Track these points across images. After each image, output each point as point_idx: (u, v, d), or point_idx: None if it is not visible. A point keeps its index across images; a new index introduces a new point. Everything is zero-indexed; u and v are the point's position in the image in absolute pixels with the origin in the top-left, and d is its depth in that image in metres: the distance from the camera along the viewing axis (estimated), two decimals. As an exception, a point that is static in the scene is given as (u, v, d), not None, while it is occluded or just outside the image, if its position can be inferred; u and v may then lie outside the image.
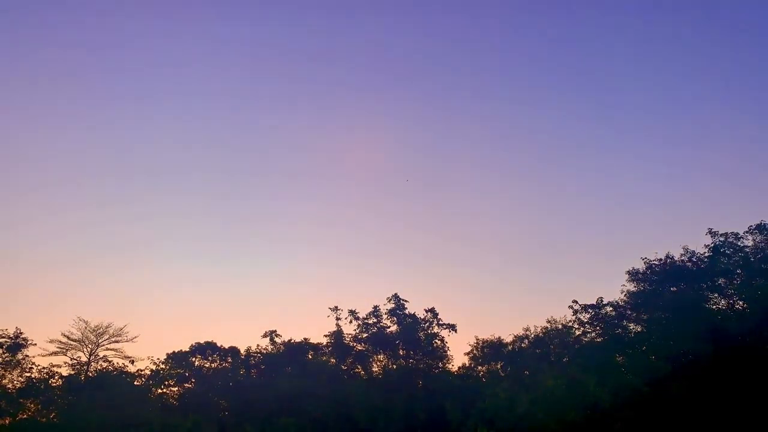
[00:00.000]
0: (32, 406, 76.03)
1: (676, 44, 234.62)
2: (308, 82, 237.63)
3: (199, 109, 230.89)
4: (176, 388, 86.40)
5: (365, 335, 79.37)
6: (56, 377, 77.54)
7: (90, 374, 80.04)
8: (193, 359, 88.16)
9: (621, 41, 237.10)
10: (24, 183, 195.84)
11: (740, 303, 62.03)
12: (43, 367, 76.99)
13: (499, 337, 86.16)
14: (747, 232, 65.30)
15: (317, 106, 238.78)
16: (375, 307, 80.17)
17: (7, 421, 73.43)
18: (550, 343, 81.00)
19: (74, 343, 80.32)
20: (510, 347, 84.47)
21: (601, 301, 66.78)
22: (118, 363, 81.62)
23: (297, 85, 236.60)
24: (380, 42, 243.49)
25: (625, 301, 65.73)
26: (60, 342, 79.57)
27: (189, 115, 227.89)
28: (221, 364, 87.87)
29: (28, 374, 75.69)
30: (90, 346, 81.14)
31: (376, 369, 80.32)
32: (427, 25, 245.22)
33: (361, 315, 79.86)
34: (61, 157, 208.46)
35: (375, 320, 79.61)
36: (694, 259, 64.02)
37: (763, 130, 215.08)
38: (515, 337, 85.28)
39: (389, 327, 79.64)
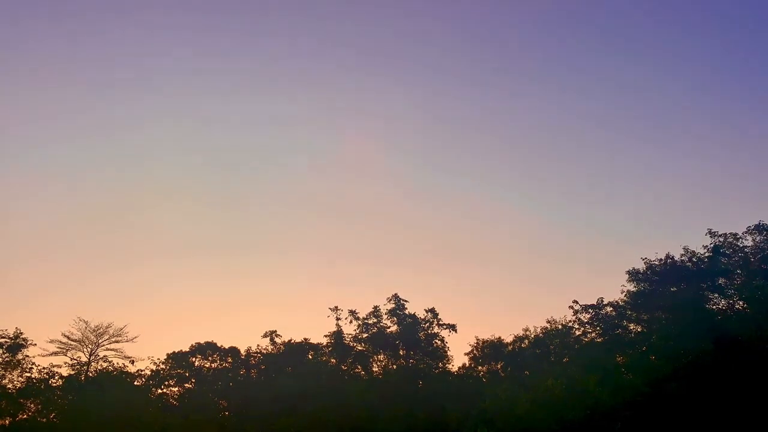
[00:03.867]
0: (32, 406, 76.09)
1: (677, 43, 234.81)
2: (309, 77, 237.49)
3: (196, 106, 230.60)
4: (176, 388, 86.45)
5: (365, 335, 79.47)
6: (56, 377, 77.59)
7: (90, 374, 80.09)
8: (193, 359, 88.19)
9: (621, 39, 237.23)
10: (23, 182, 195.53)
11: (740, 303, 62.16)
12: (43, 368, 77.09)
13: (499, 337, 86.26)
14: (746, 232, 65.47)
15: (316, 103, 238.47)
16: (375, 307, 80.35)
17: (7, 422, 73.48)
18: (550, 343, 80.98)
19: (74, 343, 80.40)
20: (510, 347, 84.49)
21: (602, 301, 66.78)
22: (118, 363, 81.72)
23: (297, 79, 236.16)
24: (382, 38, 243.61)
25: (625, 301, 65.73)
26: (60, 342, 79.66)
27: (186, 111, 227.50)
28: (221, 364, 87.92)
29: (28, 374, 75.75)
30: (90, 346, 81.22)
31: (376, 369, 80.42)
32: (426, 22, 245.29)
33: (361, 315, 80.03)
34: (60, 156, 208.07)
35: (375, 320, 79.74)
36: (694, 259, 64.08)
37: (764, 129, 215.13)
38: (515, 337, 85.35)
39: (389, 327, 79.78)
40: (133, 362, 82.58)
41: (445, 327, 79.85)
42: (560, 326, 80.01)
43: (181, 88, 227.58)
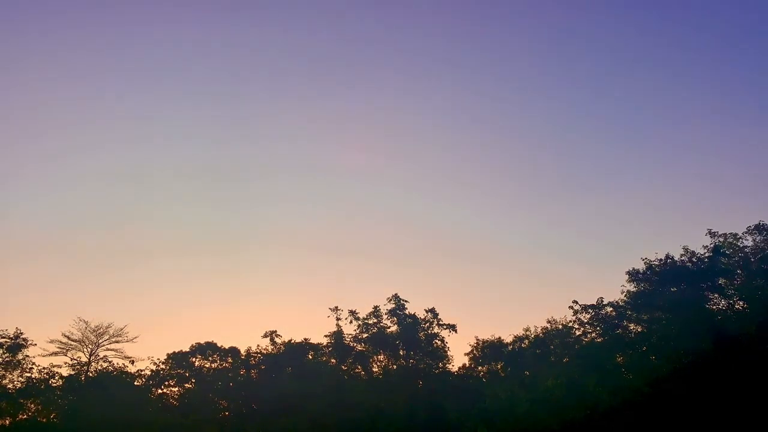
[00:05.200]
0: (32, 406, 76.12)
1: (676, 44, 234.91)
2: (308, 77, 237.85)
3: (195, 108, 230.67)
4: (176, 389, 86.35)
5: (365, 335, 79.34)
6: (56, 377, 77.57)
7: (90, 374, 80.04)
8: (193, 359, 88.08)
9: (621, 41, 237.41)
10: (23, 183, 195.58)
11: (740, 303, 62.24)
12: (44, 368, 77.08)
13: (499, 337, 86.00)
14: (746, 232, 65.57)
15: (315, 103, 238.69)
16: (375, 307, 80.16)
17: (7, 422, 73.50)
18: (550, 343, 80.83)
19: (74, 343, 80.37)
20: (510, 347, 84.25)
21: (602, 301, 66.79)
22: (118, 363, 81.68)
23: (296, 80, 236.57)
24: (379, 39, 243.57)
25: (625, 301, 65.76)
26: (60, 342, 79.62)
27: (185, 113, 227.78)
28: (221, 364, 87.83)
29: (28, 374, 75.78)
30: (90, 346, 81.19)
31: (377, 369, 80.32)
32: (427, 23, 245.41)
33: (361, 315, 79.83)
34: (61, 156, 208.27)
35: (375, 320, 79.59)
36: (694, 260, 64.14)
37: (763, 130, 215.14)
38: (515, 337, 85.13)
39: (389, 327, 79.63)
40: (133, 362, 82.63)
41: (445, 327, 79.71)
42: (560, 326, 79.94)
43: (182, 89, 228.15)
